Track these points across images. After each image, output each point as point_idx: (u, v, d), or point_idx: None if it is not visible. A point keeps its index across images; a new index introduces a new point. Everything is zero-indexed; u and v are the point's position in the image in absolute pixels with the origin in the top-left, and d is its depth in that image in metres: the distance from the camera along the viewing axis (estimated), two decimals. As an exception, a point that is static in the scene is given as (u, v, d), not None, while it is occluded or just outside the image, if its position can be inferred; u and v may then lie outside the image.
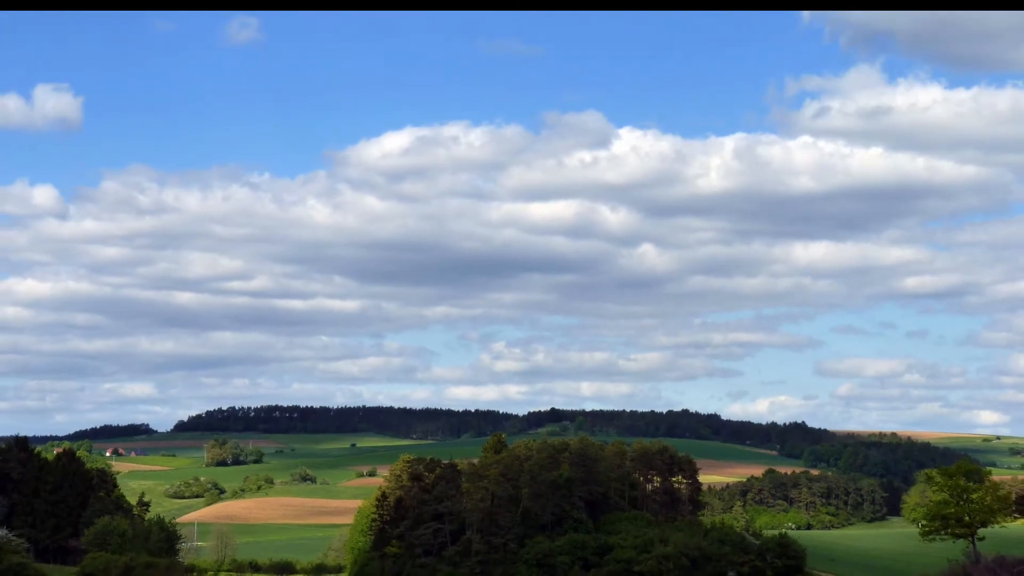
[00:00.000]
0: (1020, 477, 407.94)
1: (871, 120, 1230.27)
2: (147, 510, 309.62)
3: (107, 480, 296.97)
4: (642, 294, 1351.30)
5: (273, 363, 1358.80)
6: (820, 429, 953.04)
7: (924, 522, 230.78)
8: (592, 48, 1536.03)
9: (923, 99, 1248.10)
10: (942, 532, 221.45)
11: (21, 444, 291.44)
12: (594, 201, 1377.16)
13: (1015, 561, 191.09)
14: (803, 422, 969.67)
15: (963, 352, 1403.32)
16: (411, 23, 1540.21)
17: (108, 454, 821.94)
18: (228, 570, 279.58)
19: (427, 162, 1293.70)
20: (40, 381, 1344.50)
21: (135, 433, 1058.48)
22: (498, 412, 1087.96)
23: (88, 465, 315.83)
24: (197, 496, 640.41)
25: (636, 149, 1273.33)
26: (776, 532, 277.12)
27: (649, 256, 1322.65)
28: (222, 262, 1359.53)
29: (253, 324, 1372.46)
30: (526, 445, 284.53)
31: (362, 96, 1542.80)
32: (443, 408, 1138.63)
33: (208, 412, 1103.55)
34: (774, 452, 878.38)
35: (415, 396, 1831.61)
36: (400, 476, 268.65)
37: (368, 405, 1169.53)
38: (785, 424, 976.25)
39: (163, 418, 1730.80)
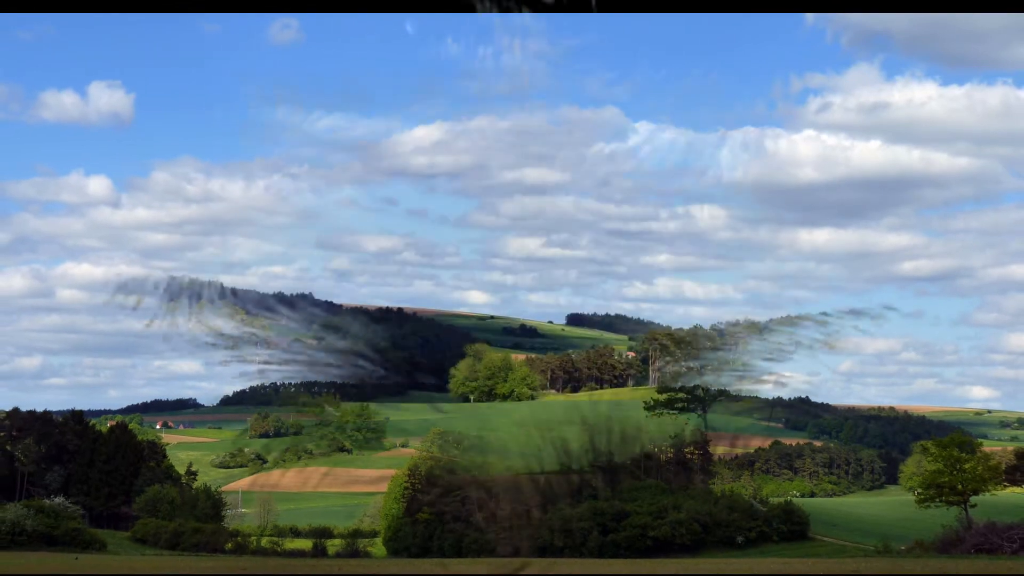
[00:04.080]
0: (1010, 448, 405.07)
1: (870, 115, 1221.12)
2: (194, 479, 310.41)
3: (157, 451, 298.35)
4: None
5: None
6: (823, 403, 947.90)
7: (920, 490, 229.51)
8: (612, 48, 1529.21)
9: (919, 95, 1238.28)
10: (937, 500, 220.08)
11: (77, 418, 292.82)
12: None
13: (1005, 527, 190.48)
14: (807, 397, 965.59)
15: (956, 332, 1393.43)
16: (441, 25, 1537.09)
17: (158, 427, 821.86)
18: (270, 535, 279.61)
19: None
20: (95, 359, 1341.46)
21: (183, 407, 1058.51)
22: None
23: (139, 437, 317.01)
24: (241, 466, 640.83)
25: (651, 142, 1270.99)
26: (782, 499, 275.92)
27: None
28: (264, 248, 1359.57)
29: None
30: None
31: (395, 92, 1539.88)
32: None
33: (252, 388, 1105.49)
34: (780, 425, 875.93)
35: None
36: (430, 447, 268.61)
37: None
38: (790, 399, 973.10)
39: (209, 393, 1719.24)
